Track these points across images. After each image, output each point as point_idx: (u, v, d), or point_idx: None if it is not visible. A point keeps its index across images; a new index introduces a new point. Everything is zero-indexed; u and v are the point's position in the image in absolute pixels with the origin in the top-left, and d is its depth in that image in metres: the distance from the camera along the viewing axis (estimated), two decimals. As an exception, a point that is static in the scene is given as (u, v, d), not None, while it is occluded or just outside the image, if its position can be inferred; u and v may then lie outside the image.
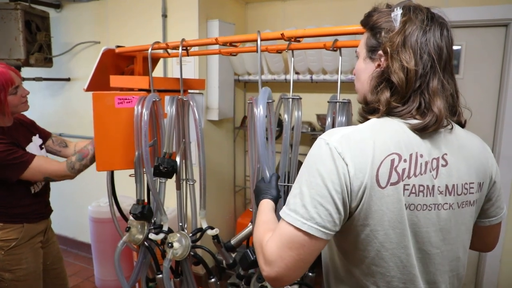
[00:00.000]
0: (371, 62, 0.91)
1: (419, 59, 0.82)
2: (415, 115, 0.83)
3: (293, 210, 0.79)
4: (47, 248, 1.83)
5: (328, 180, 0.78)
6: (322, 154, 0.81)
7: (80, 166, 1.62)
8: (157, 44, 1.54)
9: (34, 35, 2.92)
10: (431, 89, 0.82)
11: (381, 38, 0.87)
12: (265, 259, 0.80)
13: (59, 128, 3.35)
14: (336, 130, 0.85)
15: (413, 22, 0.84)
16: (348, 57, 2.59)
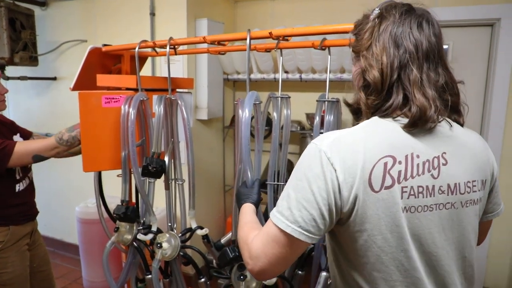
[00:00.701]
0: (355, 66, 0.93)
1: (394, 52, 0.81)
2: (402, 113, 0.82)
3: (280, 212, 0.81)
4: (34, 250, 1.80)
5: (314, 185, 0.78)
6: (311, 158, 0.81)
7: (69, 137, 1.54)
8: (144, 43, 1.53)
9: (19, 33, 2.87)
10: (411, 81, 0.81)
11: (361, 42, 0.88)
12: (250, 254, 0.84)
13: (45, 129, 3.30)
14: (330, 133, 0.84)
15: (386, 18, 0.85)
16: (337, 56, 2.60)
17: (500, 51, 2.51)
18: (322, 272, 1.31)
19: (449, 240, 0.85)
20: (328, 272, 1.30)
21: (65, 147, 1.56)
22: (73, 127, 1.56)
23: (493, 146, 2.61)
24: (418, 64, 0.81)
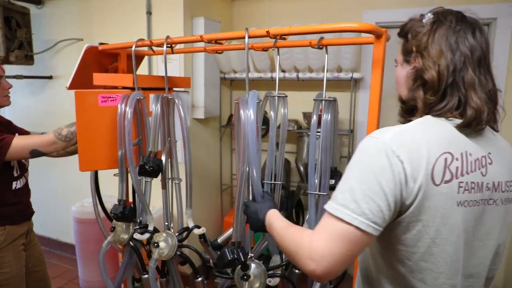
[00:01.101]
0: (407, 65, 0.97)
1: (450, 56, 0.87)
2: (456, 114, 0.87)
3: (343, 205, 0.80)
4: (29, 250, 1.79)
5: (381, 177, 0.80)
6: (374, 151, 0.83)
7: (68, 132, 1.53)
8: (141, 42, 1.52)
9: (14, 32, 2.85)
10: (466, 83, 0.86)
11: (412, 43, 0.94)
12: (312, 255, 0.80)
13: (41, 128, 3.27)
14: (385, 129, 0.87)
15: (442, 23, 0.90)
16: (334, 55, 2.60)
17: (496, 50, 2.52)
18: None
19: (489, 235, 0.90)
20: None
21: (64, 143, 1.54)
22: (73, 123, 1.55)
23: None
24: (473, 68, 0.87)
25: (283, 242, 0.92)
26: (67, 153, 1.86)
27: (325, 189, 1.32)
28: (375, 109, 1.08)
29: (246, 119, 1.13)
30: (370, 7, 2.79)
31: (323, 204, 1.33)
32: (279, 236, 0.95)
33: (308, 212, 1.38)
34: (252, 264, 1.22)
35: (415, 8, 2.67)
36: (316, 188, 1.35)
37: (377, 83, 1.05)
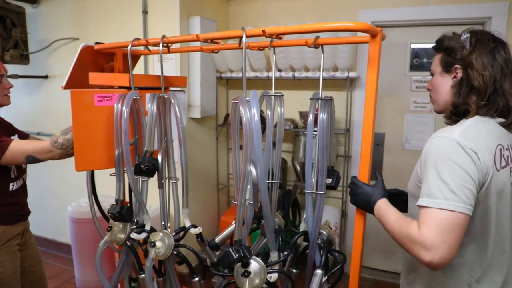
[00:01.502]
0: (447, 75, 1.18)
1: (490, 69, 1.09)
2: (499, 115, 1.10)
3: (443, 198, 0.96)
4: (25, 250, 1.78)
5: (466, 167, 0.97)
6: (451, 147, 1.00)
7: (64, 140, 1.52)
8: (137, 41, 1.52)
9: (9, 31, 2.84)
10: (505, 90, 1.09)
11: (456, 55, 1.15)
12: (426, 246, 0.93)
13: (37, 127, 3.27)
14: (448, 128, 1.08)
15: (483, 42, 1.11)
16: (330, 54, 2.61)
17: (491, 49, 2.54)
18: (317, 270, 1.32)
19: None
20: (323, 269, 1.31)
21: (60, 151, 1.54)
22: (66, 130, 1.54)
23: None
24: (508, 78, 1.11)
25: (395, 234, 1.06)
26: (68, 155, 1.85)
27: (322, 188, 1.32)
28: (371, 107, 1.08)
29: (250, 119, 1.12)
30: (366, 6, 2.79)
31: (320, 203, 1.33)
32: (390, 227, 1.08)
33: (305, 211, 1.39)
34: (251, 260, 1.22)
35: (411, 7, 2.68)
36: (313, 187, 1.35)
37: (373, 82, 1.06)
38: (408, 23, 2.78)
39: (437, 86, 1.21)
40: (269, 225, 1.25)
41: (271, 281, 1.22)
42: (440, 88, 1.20)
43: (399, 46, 2.86)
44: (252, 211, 1.30)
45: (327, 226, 1.43)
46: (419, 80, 2.84)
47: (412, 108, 2.88)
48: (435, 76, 1.22)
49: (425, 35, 2.79)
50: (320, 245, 1.37)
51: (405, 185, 2.93)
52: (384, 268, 3.19)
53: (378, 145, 3.02)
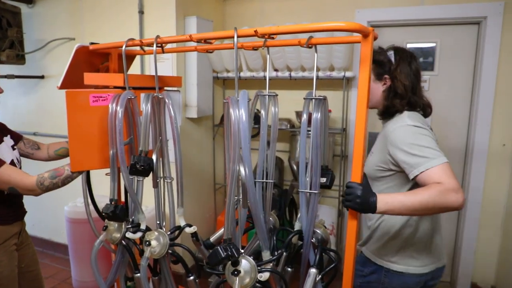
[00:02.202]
0: (378, 82, 1.57)
1: (409, 79, 1.51)
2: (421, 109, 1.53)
3: (437, 156, 1.28)
4: (22, 250, 1.78)
5: (431, 135, 1.37)
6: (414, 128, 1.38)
7: (50, 184, 1.52)
8: (131, 41, 1.52)
9: (5, 31, 2.84)
10: (420, 92, 1.54)
11: (385, 67, 1.54)
12: (456, 190, 1.19)
13: (32, 127, 3.26)
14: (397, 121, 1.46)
15: (403, 58, 1.52)
16: (326, 54, 2.61)
17: (487, 49, 2.55)
18: (311, 269, 1.32)
19: None
20: (317, 268, 1.32)
21: (42, 192, 1.53)
22: (56, 173, 1.53)
23: (479, 143, 2.64)
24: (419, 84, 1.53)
25: (423, 202, 1.19)
26: (58, 156, 1.85)
27: (316, 187, 1.33)
28: (363, 106, 1.09)
29: (237, 119, 1.14)
30: (362, 6, 2.80)
31: (314, 202, 1.33)
32: (409, 202, 1.20)
33: (299, 210, 1.39)
34: (242, 259, 1.22)
35: (407, 7, 2.69)
36: (307, 186, 1.35)
37: (365, 81, 1.06)
38: (404, 23, 2.79)
39: (371, 90, 1.54)
40: (259, 225, 1.26)
41: (262, 280, 1.22)
42: (374, 91, 1.57)
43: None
44: (245, 210, 1.31)
45: (322, 225, 1.43)
46: (415, 80, 2.85)
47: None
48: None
49: (421, 35, 2.80)
50: (314, 244, 1.38)
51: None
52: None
53: (375, 145, 3.02)
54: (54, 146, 1.87)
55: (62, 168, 1.53)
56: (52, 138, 3.14)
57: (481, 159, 2.66)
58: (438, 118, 2.82)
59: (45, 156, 1.86)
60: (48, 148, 1.86)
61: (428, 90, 2.82)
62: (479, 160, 2.66)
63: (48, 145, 1.87)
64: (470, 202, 2.73)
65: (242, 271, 1.20)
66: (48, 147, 1.86)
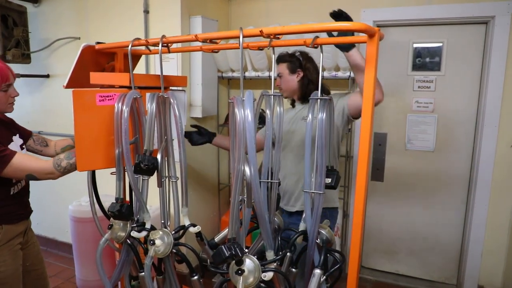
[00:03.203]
0: (293, 75, 2.02)
1: (315, 73, 1.99)
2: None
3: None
4: (27, 249, 1.79)
5: None
6: None
7: (67, 164, 1.53)
8: (137, 41, 1.52)
9: (11, 30, 2.85)
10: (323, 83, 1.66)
11: (296, 64, 2.01)
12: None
13: (38, 126, 3.28)
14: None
15: (307, 58, 2.03)
16: (331, 54, 2.60)
17: (494, 49, 2.53)
18: (316, 270, 1.31)
19: None
20: (322, 269, 1.31)
21: (60, 174, 1.54)
22: (71, 154, 1.54)
23: (487, 144, 2.62)
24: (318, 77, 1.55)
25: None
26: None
27: (321, 187, 1.32)
28: (369, 107, 1.08)
29: (243, 119, 1.13)
30: (368, 5, 2.79)
31: (318, 202, 1.33)
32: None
33: (304, 210, 1.38)
34: (246, 259, 1.22)
35: (413, 7, 2.67)
36: (312, 186, 1.35)
37: (371, 81, 1.06)
38: (411, 23, 2.77)
39: (288, 82, 2.02)
40: (263, 224, 1.25)
41: (266, 279, 1.22)
42: (290, 83, 2.02)
43: (401, 45, 2.85)
44: (249, 210, 1.30)
45: (327, 226, 1.43)
46: (421, 80, 2.83)
47: (414, 108, 2.87)
48: (285, 76, 2.02)
49: (428, 35, 2.78)
50: (319, 244, 1.37)
51: (408, 186, 2.91)
52: (385, 269, 3.18)
53: (380, 145, 3.01)
54: (61, 143, 1.88)
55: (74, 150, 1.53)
56: (57, 137, 3.11)
57: (489, 160, 2.63)
58: (444, 119, 2.80)
59: (52, 153, 1.87)
60: (55, 145, 1.87)
61: (434, 90, 2.80)
62: (486, 162, 2.64)
63: (55, 142, 1.88)
64: (477, 203, 2.71)
65: (246, 270, 1.20)
66: (55, 144, 1.87)
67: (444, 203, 2.91)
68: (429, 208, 2.96)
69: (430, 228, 2.98)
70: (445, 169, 2.87)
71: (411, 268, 3.10)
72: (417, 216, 3.00)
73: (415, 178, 2.96)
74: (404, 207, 3.03)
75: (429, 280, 3.05)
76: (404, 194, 3.01)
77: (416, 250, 3.05)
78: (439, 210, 2.93)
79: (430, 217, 2.96)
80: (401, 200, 3.03)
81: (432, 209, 2.95)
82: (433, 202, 2.94)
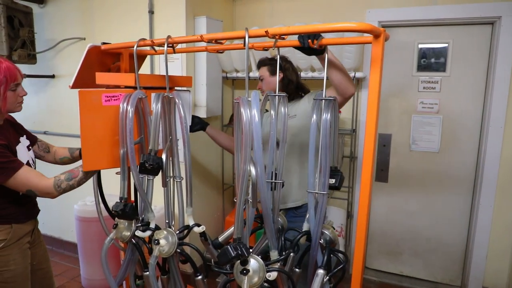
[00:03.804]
0: (273, 77, 2.10)
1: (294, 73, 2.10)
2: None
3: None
4: (34, 248, 1.80)
5: None
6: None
7: (67, 186, 1.54)
8: (142, 41, 1.53)
9: (17, 31, 2.87)
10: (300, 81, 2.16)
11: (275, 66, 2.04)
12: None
13: (43, 127, 3.30)
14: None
15: (287, 60, 2.13)
16: (336, 54, 2.58)
17: (500, 49, 2.52)
18: (319, 270, 1.31)
19: None
20: (325, 269, 1.31)
21: (59, 194, 1.55)
22: (71, 175, 1.55)
23: (492, 145, 2.61)
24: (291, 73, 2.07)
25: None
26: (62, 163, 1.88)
27: (325, 188, 1.32)
28: (374, 107, 1.08)
29: (249, 120, 1.13)
30: (373, 6, 2.78)
31: (322, 203, 1.33)
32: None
33: (308, 211, 1.38)
34: (251, 259, 1.22)
35: (419, 7, 2.67)
36: (316, 187, 1.35)
37: (376, 82, 1.06)
38: (416, 23, 2.76)
39: (269, 84, 2.10)
40: (268, 224, 1.26)
41: (270, 279, 1.22)
42: (272, 85, 2.09)
43: (406, 46, 2.84)
44: (253, 210, 1.31)
45: (330, 226, 1.43)
46: (426, 81, 2.82)
47: (419, 108, 2.86)
48: (266, 79, 2.11)
49: (433, 35, 2.77)
50: (322, 245, 1.37)
51: (412, 187, 2.90)
52: (389, 270, 3.17)
53: (385, 146, 3.01)
54: (60, 152, 1.89)
55: (76, 170, 1.56)
56: (62, 137, 3.17)
57: (494, 161, 2.62)
58: (449, 120, 2.79)
59: (52, 160, 1.90)
60: (55, 153, 1.89)
61: (439, 91, 2.79)
62: (491, 163, 2.63)
63: (55, 150, 1.89)
64: (482, 205, 2.69)
65: (251, 270, 1.20)
66: (55, 152, 1.89)
67: (448, 204, 2.90)
68: (433, 209, 2.94)
69: (434, 229, 2.97)
70: (450, 170, 2.86)
71: (415, 269, 3.09)
72: (421, 217, 2.99)
73: (419, 179, 2.95)
74: (408, 208, 3.02)
75: (433, 281, 3.04)
76: (408, 195, 3.00)
77: (420, 251, 3.04)
78: (443, 211, 2.92)
79: (434, 218, 2.95)
80: (405, 201, 3.02)
81: (436, 210, 2.94)
82: (437, 203, 2.92)
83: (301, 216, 1.99)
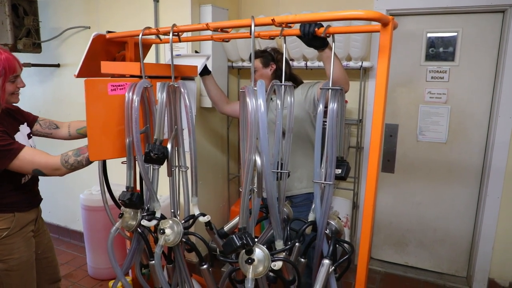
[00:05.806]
0: (267, 68, 2.14)
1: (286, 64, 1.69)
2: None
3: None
4: (38, 237, 1.81)
5: None
6: None
7: (75, 161, 1.51)
8: (148, 30, 1.51)
9: (22, 20, 2.86)
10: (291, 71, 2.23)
11: (269, 58, 2.14)
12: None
13: (48, 116, 3.25)
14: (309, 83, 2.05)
15: (278, 52, 2.17)
16: (343, 43, 2.57)
17: (511, 38, 2.47)
18: (324, 260, 1.31)
19: None
20: (331, 259, 1.31)
21: (68, 171, 1.53)
22: (79, 151, 1.53)
23: (501, 135, 2.58)
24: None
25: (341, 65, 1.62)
26: (80, 135, 1.85)
27: (331, 178, 1.31)
28: (381, 97, 1.06)
29: (254, 109, 1.12)
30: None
31: (328, 193, 1.32)
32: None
33: (314, 201, 1.38)
34: (256, 248, 1.22)
35: (426, -5, 2.61)
36: (322, 177, 1.34)
37: (384, 71, 1.04)
38: (424, 11, 2.71)
39: (262, 75, 2.13)
40: (274, 214, 1.25)
41: (275, 269, 1.23)
42: (264, 76, 2.12)
43: (414, 35, 2.80)
44: (259, 200, 1.30)
45: (336, 216, 1.42)
46: (434, 70, 2.78)
47: (427, 98, 2.83)
48: (259, 70, 2.13)
49: (442, 24, 2.72)
50: (328, 235, 1.37)
51: (419, 177, 2.88)
52: (395, 261, 3.18)
53: (392, 136, 2.98)
54: (76, 124, 1.86)
55: (85, 147, 1.53)
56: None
57: (503, 151, 2.59)
58: (458, 110, 2.75)
59: (65, 134, 1.86)
60: (70, 126, 1.85)
61: (448, 81, 2.75)
62: (500, 153, 2.60)
63: (69, 123, 1.87)
64: (490, 195, 2.67)
65: (256, 259, 1.21)
66: (70, 125, 1.85)
67: (455, 195, 2.88)
68: (440, 200, 2.93)
69: (441, 220, 2.96)
70: (457, 161, 2.83)
71: (420, 260, 3.09)
72: (428, 208, 2.98)
73: (426, 169, 2.93)
74: (414, 198, 3.01)
75: (438, 272, 3.04)
76: (414, 186, 2.99)
77: (426, 242, 3.04)
78: (450, 202, 2.90)
79: (440, 209, 2.94)
80: (411, 191, 3.01)
81: (443, 201, 2.92)
82: (444, 194, 2.91)
83: (296, 207, 1.98)
